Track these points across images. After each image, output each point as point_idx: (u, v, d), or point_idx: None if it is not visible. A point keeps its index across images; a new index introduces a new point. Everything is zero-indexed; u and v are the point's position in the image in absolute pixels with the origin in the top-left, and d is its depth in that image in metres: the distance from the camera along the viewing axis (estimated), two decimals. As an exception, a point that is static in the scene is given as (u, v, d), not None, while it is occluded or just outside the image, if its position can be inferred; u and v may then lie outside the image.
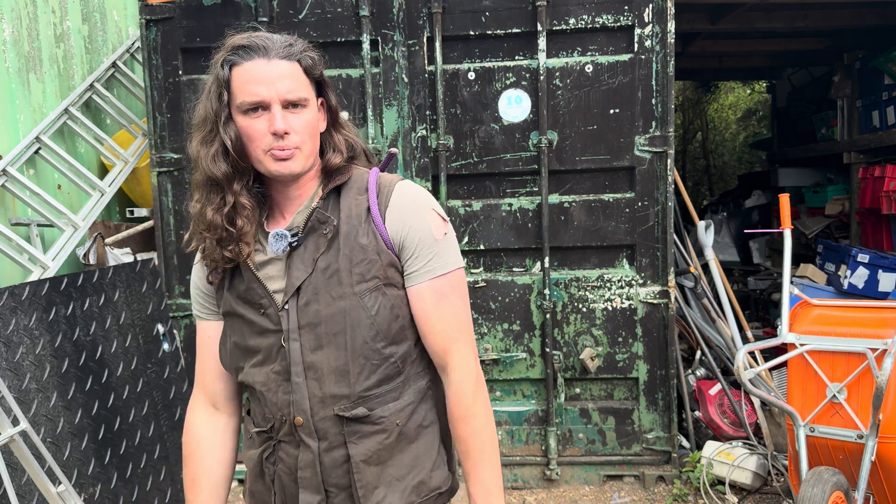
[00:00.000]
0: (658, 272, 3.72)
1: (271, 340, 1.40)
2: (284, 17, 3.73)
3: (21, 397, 2.90)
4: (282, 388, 1.40)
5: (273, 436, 1.45)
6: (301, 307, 1.38)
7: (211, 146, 1.37)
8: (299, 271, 1.38)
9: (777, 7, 5.20)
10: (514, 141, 3.71)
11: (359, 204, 1.41)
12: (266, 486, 1.48)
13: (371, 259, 1.38)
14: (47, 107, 4.19)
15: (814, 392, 2.90)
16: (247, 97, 1.32)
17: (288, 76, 1.33)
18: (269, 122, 1.32)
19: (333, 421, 1.39)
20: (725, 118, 14.36)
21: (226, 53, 1.35)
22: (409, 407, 1.44)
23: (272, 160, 1.34)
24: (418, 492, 1.45)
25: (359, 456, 1.39)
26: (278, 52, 1.33)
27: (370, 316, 1.38)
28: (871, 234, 5.92)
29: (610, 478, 3.87)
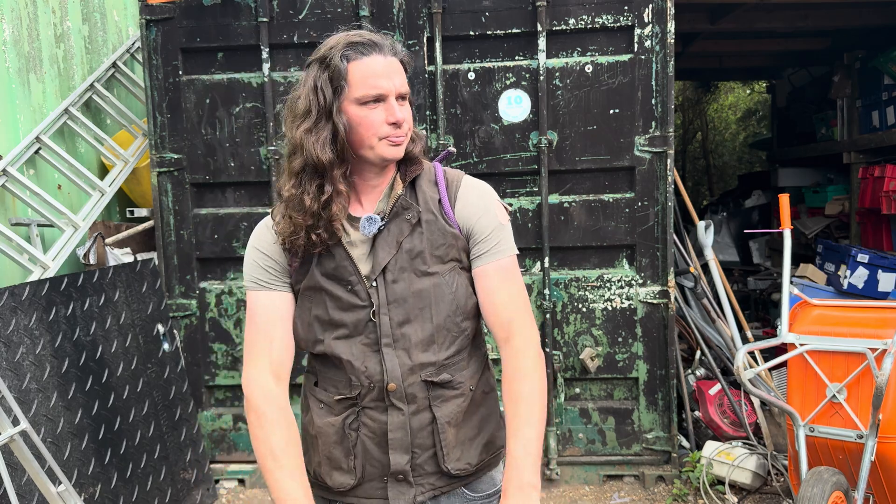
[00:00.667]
0: (658, 272, 3.72)
1: (359, 315, 1.51)
2: (284, 17, 3.73)
3: (21, 397, 2.90)
4: (371, 358, 1.51)
5: (357, 402, 1.53)
6: (388, 284, 1.51)
7: (319, 134, 1.45)
8: (385, 252, 1.51)
9: (777, 7, 5.20)
10: (514, 141, 3.71)
11: (434, 194, 1.56)
12: (346, 450, 1.55)
13: (450, 243, 1.53)
14: (47, 107, 4.19)
15: (813, 392, 2.90)
16: (369, 90, 1.43)
17: (398, 72, 1.47)
18: (388, 112, 1.45)
19: (421, 386, 1.52)
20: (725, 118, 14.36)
21: (342, 48, 1.44)
22: (476, 374, 1.61)
23: (387, 146, 1.48)
24: (487, 450, 1.61)
25: (443, 417, 1.53)
26: (390, 48, 1.47)
27: (452, 292, 1.53)
28: (870, 234, 5.92)
29: (610, 478, 3.87)
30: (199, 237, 3.88)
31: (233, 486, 3.95)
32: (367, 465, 1.55)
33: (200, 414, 3.93)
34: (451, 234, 1.54)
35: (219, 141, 3.83)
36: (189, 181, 3.86)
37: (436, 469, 1.55)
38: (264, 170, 3.82)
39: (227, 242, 3.87)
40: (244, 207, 3.88)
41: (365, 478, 1.55)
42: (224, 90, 3.81)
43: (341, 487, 1.57)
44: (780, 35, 6.19)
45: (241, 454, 3.97)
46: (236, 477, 3.96)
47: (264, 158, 3.81)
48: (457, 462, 1.56)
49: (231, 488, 3.93)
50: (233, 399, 4.01)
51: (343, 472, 1.56)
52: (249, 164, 3.83)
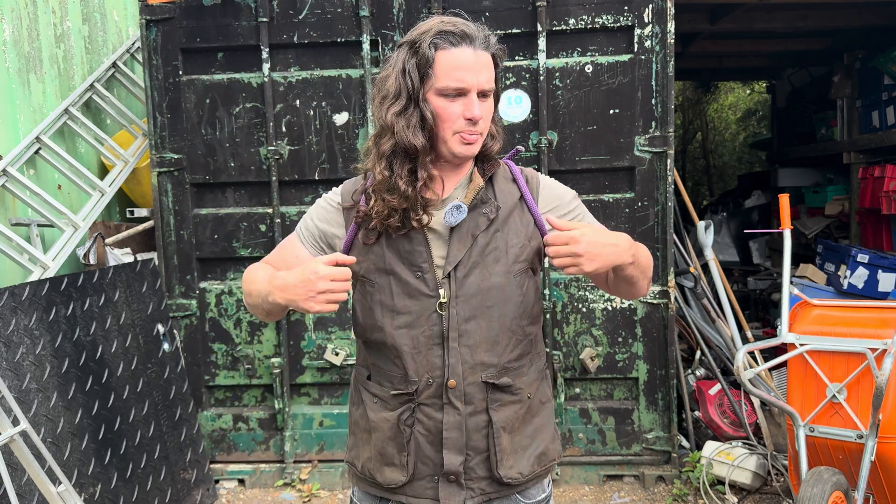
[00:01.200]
0: (658, 272, 3.72)
1: (423, 304, 1.48)
2: (284, 17, 3.73)
3: (21, 397, 2.90)
4: (432, 352, 1.49)
5: (414, 398, 1.51)
6: (460, 278, 1.48)
7: (410, 118, 1.43)
8: (460, 244, 1.48)
9: (777, 7, 5.20)
10: (514, 141, 3.71)
11: (511, 192, 1.55)
12: (399, 446, 1.53)
13: (524, 244, 1.52)
14: (47, 107, 4.19)
15: (813, 392, 2.90)
16: (451, 82, 1.41)
17: (487, 67, 1.44)
18: (466, 107, 1.43)
19: (480, 387, 1.50)
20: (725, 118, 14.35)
21: (433, 36, 1.42)
22: (535, 382, 1.59)
23: (459, 142, 1.45)
24: (539, 461, 1.59)
25: (499, 422, 1.52)
26: (482, 42, 1.44)
27: (521, 294, 1.51)
28: (870, 234, 5.92)
29: (610, 478, 3.87)
30: (199, 237, 3.88)
31: (233, 486, 3.95)
32: (419, 463, 1.53)
33: (200, 414, 3.93)
34: (525, 234, 1.52)
35: (219, 141, 3.83)
36: (189, 181, 3.86)
37: (487, 474, 1.53)
38: (264, 170, 3.82)
39: (227, 242, 3.87)
40: (244, 207, 3.88)
41: (416, 476, 1.53)
42: (224, 90, 3.81)
43: (392, 484, 1.54)
44: (780, 35, 6.18)
45: (241, 454, 3.97)
46: (236, 477, 3.96)
47: (264, 158, 3.81)
48: (509, 469, 1.54)
49: (231, 488, 3.93)
50: (233, 399, 4.01)
51: (395, 469, 1.54)
52: (249, 164, 3.83)
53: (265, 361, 3.91)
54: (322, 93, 3.76)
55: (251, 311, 1.60)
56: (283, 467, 3.93)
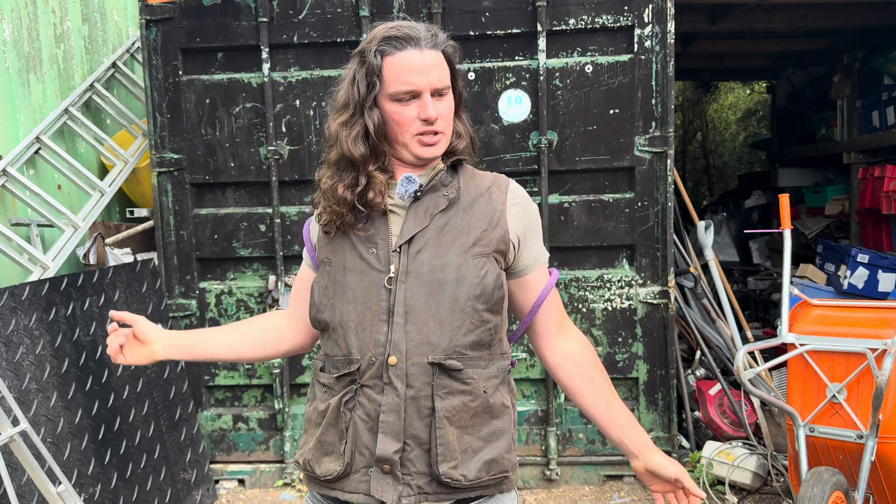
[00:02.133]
0: (658, 272, 3.72)
1: (373, 279, 1.46)
2: (284, 17, 3.73)
3: (21, 397, 2.90)
4: (376, 328, 1.44)
5: (357, 379, 1.46)
6: (412, 254, 1.45)
7: (353, 129, 1.46)
8: (416, 220, 1.47)
9: (777, 7, 5.20)
10: (514, 141, 3.71)
11: (478, 185, 1.53)
12: (338, 433, 1.46)
13: (485, 229, 1.48)
14: (47, 107, 4.19)
15: (814, 392, 2.90)
16: (401, 86, 1.41)
17: (437, 65, 1.43)
18: (420, 108, 1.43)
19: (424, 368, 1.42)
20: (725, 118, 14.36)
21: (377, 43, 1.43)
22: (494, 380, 1.50)
23: (419, 145, 1.45)
24: (489, 468, 1.47)
25: (443, 411, 1.42)
26: (427, 41, 1.44)
27: (478, 276, 1.45)
28: (870, 234, 5.92)
29: (610, 478, 3.87)
30: (199, 237, 3.88)
31: (233, 486, 3.95)
32: (356, 453, 1.44)
33: (200, 414, 3.93)
34: (488, 222, 1.49)
35: (219, 141, 3.83)
36: (189, 181, 3.86)
37: (426, 470, 1.42)
38: (264, 170, 3.82)
39: (226, 242, 3.87)
40: (244, 207, 3.88)
41: (353, 466, 1.45)
42: (224, 90, 3.81)
43: (328, 475, 1.46)
44: (780, 35, 6.18)
45: (241, 454, 3.97)
46: (236, 477, 3.96)
47: (264, 158, 3.81)
48: (451, 469, 1.42)
49: (231, 488, 3.93)
50: (233, 399, 4.01)
51: (332, 458, 1.46)
52: (249, 164, 3.83)
53: (264, 361, 3.91)
54: (322, 93, 3.76)
55: None
56: (283, 467, 3.93)
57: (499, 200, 1.52)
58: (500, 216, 1.50)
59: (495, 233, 1.48)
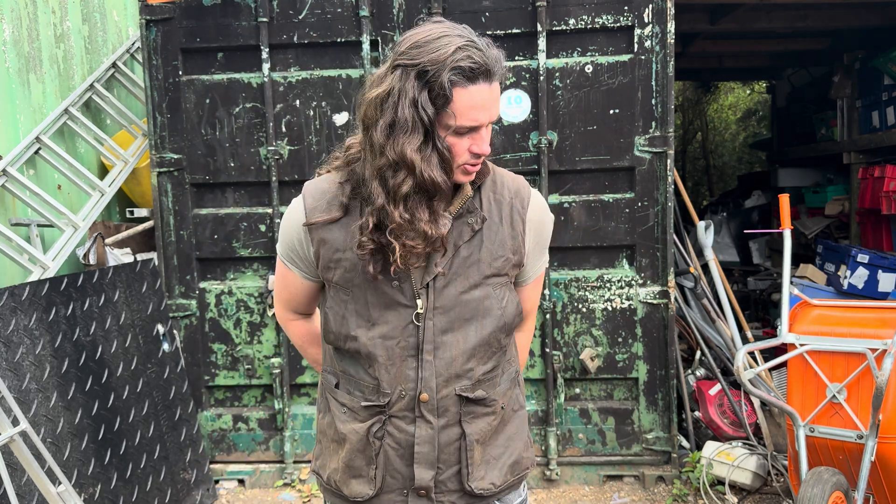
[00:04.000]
0: (658, 272, 3.72)
1: (400, 315, 1.44)
2: (284, 17, 3.73)
3: (21, 397, 2.90)
4: (406, 364, 1.45)
5: (385, 410, 1.47)
6: (438, 289, 1.44)
7: (431, 157, 1.33)
8: (443, 255, 1.43)
9: (777, 7, 5.20)
10: (514, 141, 3.71)
11: (499, 201, 1.49)
12: (367, 459, 1.49)
13: (507, 257, 1.48)
14: (47, 107, 4.19)
15: (814, 392, 2.90)
16: (467, 122, 1.33)
17: (497, 99, 1.38)
18: (475, 142, 1.37)
19: (454, 400, 1.46)
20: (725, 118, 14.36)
21: (450, 71, 1.30)
22: (508, 391, 1.57)
23: (462, 173, 1.40)
24: (513, 470, 1.57)
25: (472, 435, 1.48)
26: (496, 73, 1.35)
27: (501, 307, 1.48)
28: (870, 234, 5.92)
29: (610, 478, 3.87)
30: (198, 237, 3.88)
31: (233, 486, 3.95)
32: (387, 477, 1.48)
33: (200, 414, 3.93)
34: (509, 247, 1.47)
35: (219, 141, 3.83)
36: (189, 181, 3.86)
37: (458, 487, 1.50)
38: (264, 170, 3.82)
39: (226, 243, 3.87)
40: (244, 207, 3.88)
41: (384, 489, 1.49)
42: (224, 90, 3.81)
43: (358, 497, 1.50)
44: (780, 35, 6.18)
45: (241, 454, 3.97)
46: (236, 477, 3.96)
47: (264, 158, 3.81)
48: (480, 481, 1.50)
49: (231, 488, 3.93)
50: (233, 399, 4.01)
51: (362, 482, 1.50)
52: (249, 165, 3.83)
53: (265, 361, 3.91)
54: (322, 93, 3.76)
55: None
56: (283, 467, 3.93)
57: (518, 221, 1.49)
58: (520, 241, 1.50)
59: (515, 259, 1.50)
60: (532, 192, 1.55)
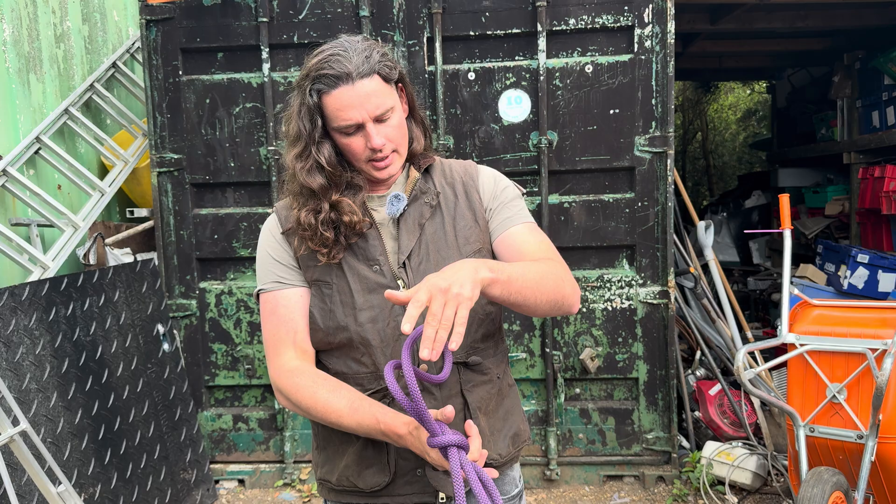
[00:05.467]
0: (658, 272, 3.72)
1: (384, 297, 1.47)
2: (284, 17, 3.73)
3: (21, 397, 2.90)
4: (399, 343, 1.48)
5: (388, 394, 1.49)
6: (415, 267, 1.50)
7: (307, 161, 1.48)
8: (409, 235, 1.51)
9: (777, 7, 5.20)
10: (514, 141, 3.71)
11: (450, 180, 1.59)
12: (379, 446, 1.50)
13: (471, 225, 1.55)
14: (47, 107, 4.19)
15: (814, 392, 2.90)
16: (341, 122, 1.44)
17: (373, 93, 1.43)
18: (366, 138, 1.45)
19: (452, 370, 1.50)
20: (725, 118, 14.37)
21: (310, 83, 1.44)
22: (501, 363, 1.61)
23: (374, 169, 1.49)
24: (514, 442, 1.61)
25: (474, 402, 1.53)
26: (359, 71, 1.42)
27: None
28: (871, 234, 5.92)
29: (610, 478, 3.87)
30: (199, 237, 3.88)
31: (233, 486, 3.95)
32: (399, 459, 1.50)
33: (200, 414, 3.93)
34: (471, 217, 1.55)
35: (219, 141, 3.83)
36: (189, 181, 3.86)
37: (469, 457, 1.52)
38: (264, 170, 3.82)
39: (227, 242, 3.87)
40: (244, 207, 3.88)
41: (398, 473, 1.51)
42: (224, 90, 3.81)
43: (375, 487, 1.51)
44: (780, 35, 6.18)
45: (241, 454, 3.97)
46: (236, 477, 3.96)
47: (264, 158, 3.81)
48: (488, 451, 1.53)
49: (231, 488, 3.93)
50: (233, 399, 4.01)
51: (375, 471, 1.51)
52: (249, 164, 3.83)
53: (265, 361, 3.91)
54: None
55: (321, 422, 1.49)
56: (283, 467, 3.93)
57: (473, 192, 1.58)
58: (478, 208, 1.57)
59: (479, 227, 1.56)
60: (480, 166, 1.64)
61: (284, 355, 1.51)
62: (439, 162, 1.63)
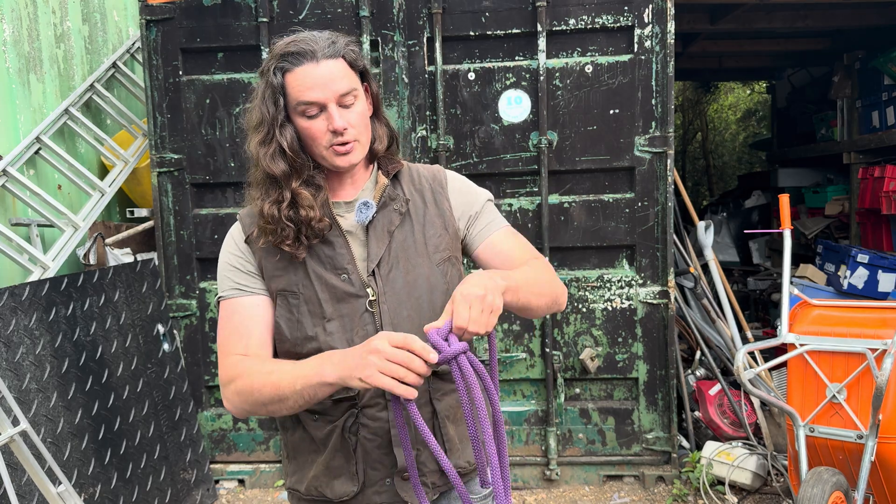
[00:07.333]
0: (658, 272, 3.72)
1: (353, 305, 1.47)
2: (284, 17, 3.73)
3: (21, 397, 2.90)
4: None
5: (356, 403, 1.48)
6: (384, 275, 1.48)
7: (269, 147, 1.46)
8: (379, 242, 1.49)
9: (777, 7, 5.21)
10: (514, 141, 3.71)
11: (418, 187, 1.58)
12: (346, 456, 1.50)
13: (441, 233, 1.54)
14: (47, 107, 4.19)
15: (813, 392, 2.90)
16: (303, 99, 1.42)
17: (338, 75, 1.43)
18: (328, 120, 1.43)
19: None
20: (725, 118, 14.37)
21: (276, 61, 1.43)
22: None
23: (334, 155, 1.46)
24: None
25: (443, 411, 1.52)
26: (324, 52, 1.42)
27: (445, 282, 1.52)
28: (870, 234, 5.92)
29: (610, 478, 3.87)
30: (199, 237, 3.88)
31: (233, 486, 3.95)
32: (367, 469, 1.50)
33: (200, 414, 3.93)
34: (440, 224, 1.54)
35: (219, 141, 3.83)
36: (189, 181, 3.86)
37: (436, 466, 1.52)
38: (264, 170, 3.82)
39: (227, 242, 3.87)
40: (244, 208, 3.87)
41: (367, 483, 1.50)
42: (224, 90, 3.81)
43: (343, 496, 1.51)
44: (780, 35, 6.19)
45: (241, 454, 3.97)
46: (236, 477, 3.96)
47: (264, 158, 3.81)
48: (457, 459, 1.54)
49: (231, 488, 3.93)
50: (233, 399, 4.01)
51: (344, 480, 1.50)
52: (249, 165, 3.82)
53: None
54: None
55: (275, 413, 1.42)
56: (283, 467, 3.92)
57: (443, 200, 1.57)
58: (448, 215, 1.57)
59: (449, 234, 1.55)
60: (447, 171, 1.63)
61: (231, 358, 1.48)
62: (407, 167, 1.60)
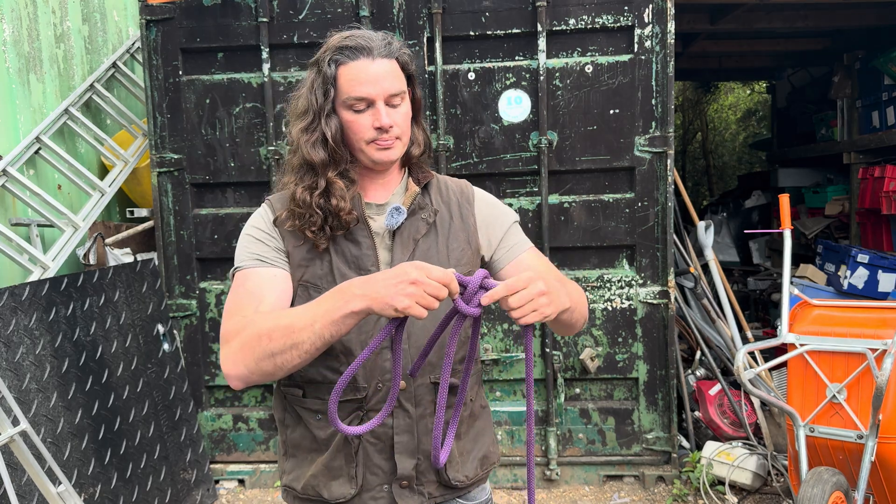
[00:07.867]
0: (658, 272, 3.72)
1: None
2: (284, 17, 3.73)
3: (21, 397, 2.90)
4: (381, 356, 1.48)
5: (363, 405, 1.49)
6: None
7: (312, 134, 1.48)
8: (404, 248, 1.51)
9: (777, 7, 5.20)
10: (514, 141, 3.71)
11: (447, 199, 1.60)
12: (347, 458, 1.50)
13: (463, 247, 1.56)
14: (47, 107, 4.19)
15: (814, 392, 2.90)
16: (354, 94, 1.44)
17: (389, 74, 1.46)
18: (374, 117, 1.45)
19: (428, 388, 1.51)
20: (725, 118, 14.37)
21: (332, 53, 1.46)
22: (475, 386, 1.63)
23: (375, 150, 1.48)
24: (482, 464, 1.63)
25: None
26: (380, 51, 1.46)
27: None
28: (870, 234, 5.92)
29: (610, 478, 3.87)
30: (199, 237, 3.88)
31: (233, 486, 3.95)
32: (367, 474, 1.50)
33: (200, 414, 3.93)
34: (464, 238, 1.56)
35: (219, 141, 3.83)
36: (189, 181, 3.86)
37: (435, 478, 1.54)
38: (264, 170, 3.82)
39: (227, 242, 3.87)
40: (244, 207, 3.88)
41: (364, 487, 1.51)
42: (224, 90, 3.81)
43: (340, 499, 1.51)
44: (780, 35, 6.19)
45: (241, 454, 3.97)
46: (236, 477, 3.96)
47: (264, 158, 3.81)
48: (456, 473, 1.55)
49: (231, 488, 3.93)
50: (233, 399, 4.01)
51: (342, 482, 1.51)
52: (249, 165, 3.83)
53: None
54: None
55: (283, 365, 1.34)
56: (283, 467, 3.92)
57: (469, 216, 1.60)
58: (473, 232, 1.59)
59: (471, 250, 1.57)
60: (475, 188, 1.66)
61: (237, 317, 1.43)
62: (436, 179, 1.63)
